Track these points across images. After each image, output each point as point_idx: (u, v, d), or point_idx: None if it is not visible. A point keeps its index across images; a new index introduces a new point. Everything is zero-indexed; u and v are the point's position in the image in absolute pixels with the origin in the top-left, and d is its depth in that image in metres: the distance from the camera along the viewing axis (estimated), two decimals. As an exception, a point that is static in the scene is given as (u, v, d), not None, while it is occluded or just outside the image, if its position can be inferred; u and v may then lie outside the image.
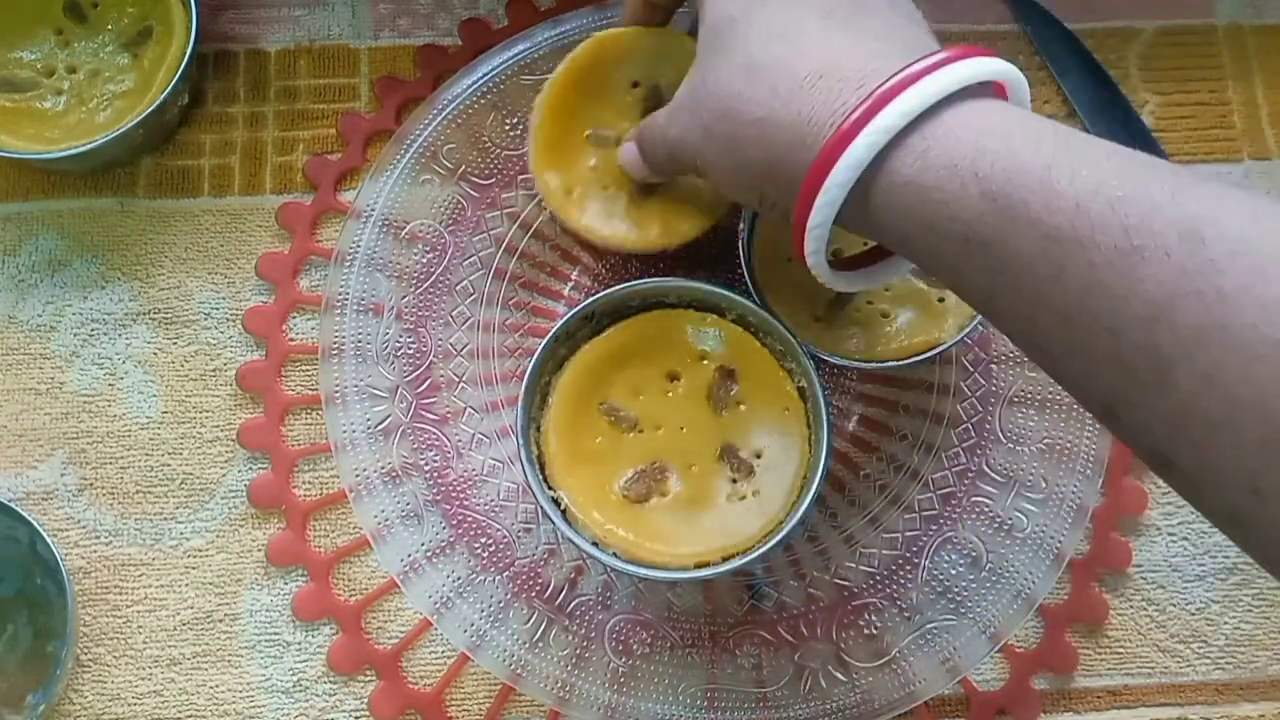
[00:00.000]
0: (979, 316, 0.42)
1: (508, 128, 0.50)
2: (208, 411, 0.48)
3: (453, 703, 0.45)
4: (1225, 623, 0.47)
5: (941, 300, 0.44)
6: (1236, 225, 0.25)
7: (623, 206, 0.46)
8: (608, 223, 0.45)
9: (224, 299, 0.49)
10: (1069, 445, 0.47)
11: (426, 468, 0.47)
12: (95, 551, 0.46)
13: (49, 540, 0.44)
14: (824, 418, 0.41)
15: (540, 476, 0.41)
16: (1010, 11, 0.53)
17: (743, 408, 0.43)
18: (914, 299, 0.44)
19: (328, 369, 0.47)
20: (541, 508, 0.40)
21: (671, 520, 0.41)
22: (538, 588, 0.46)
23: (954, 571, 0.46)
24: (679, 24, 0.48)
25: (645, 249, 0.46)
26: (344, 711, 0.45)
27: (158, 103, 0.47)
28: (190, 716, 0.45)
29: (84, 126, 0.48)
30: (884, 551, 0.46)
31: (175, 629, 0.46)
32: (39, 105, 0.48)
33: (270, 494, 0.47)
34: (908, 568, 0.46)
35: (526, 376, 0.41)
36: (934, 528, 0.46)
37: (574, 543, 0.40)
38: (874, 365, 0.43)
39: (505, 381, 0.48)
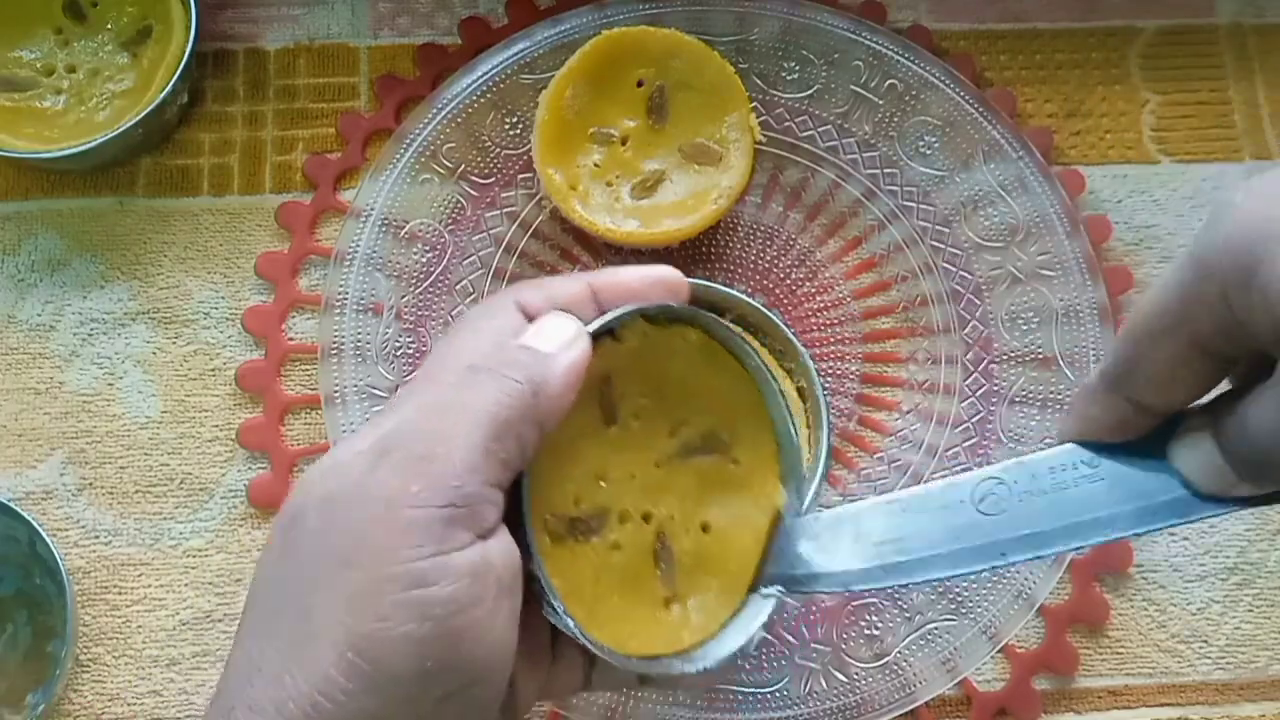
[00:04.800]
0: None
1: (507, 127, 0.49)
2: (207, 411, 0.48)
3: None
4: (1226, 623, 0.46)
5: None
6: None
7: (625, 203, 0.46)
8: (610, 218, 0.46)
9: (223, 298, 0.49)
10: (1070, 445, 0.46)
11: (426, 467, 0.46)
12: (94, 551, 0.46)
13: (48, 540, 0.44)
14: (824, 418, 0.41)
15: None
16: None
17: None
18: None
19: (327, 369, 0.47)
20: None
21: None
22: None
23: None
24: (671, 21, 0.48)
25: (646, 244, 0.46)
26: (343, 712, 0.45)
27: (157, 102, 0.47)
28: (189, 717, 0.45)
29: (83, 126, 0.48)
30: (884, 551, 0.46)
31: (175, 629, 0.46)
32: (38, 104, 0.48)
33: (270, 494, 0.47)
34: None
35: None
36: (934, 528, 0.46)
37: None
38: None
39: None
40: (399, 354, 0.47)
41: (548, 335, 0.30)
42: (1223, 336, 0.25)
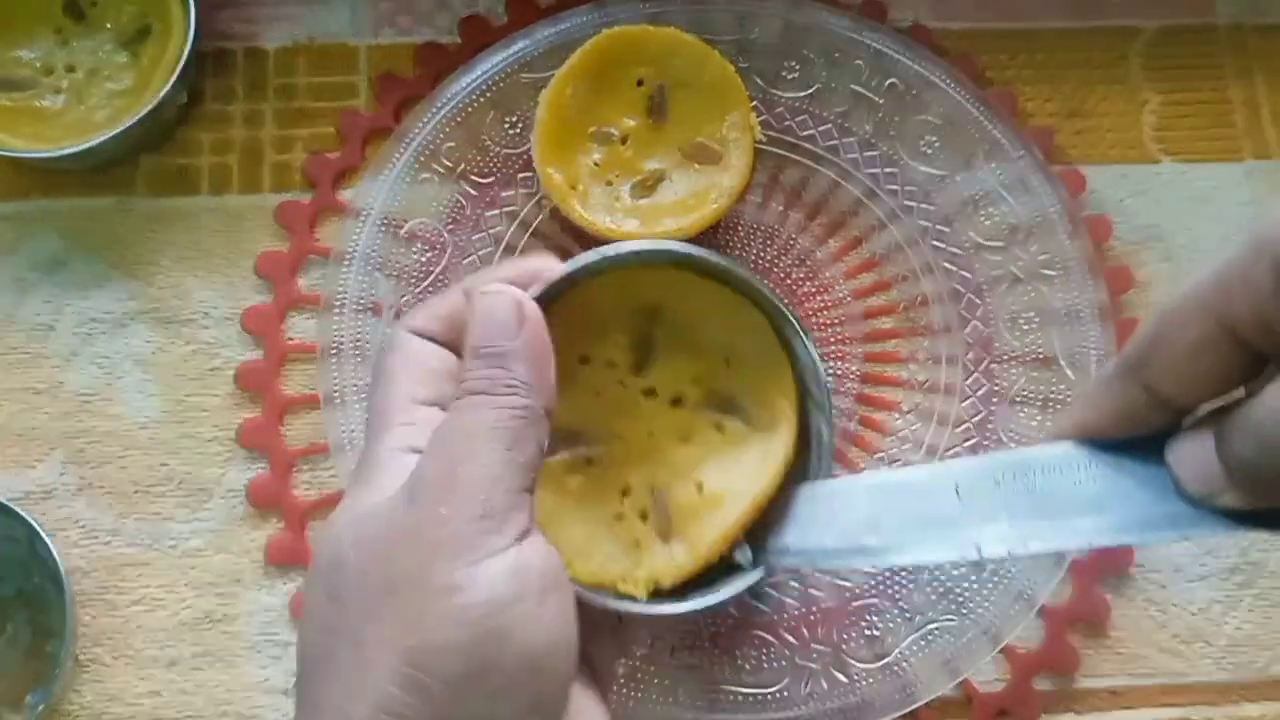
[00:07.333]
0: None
1: (507, 126, 0.49)
2: (206, 411, 0.48)
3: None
4: (1227, 623, 0.46)
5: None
6: None
7: (625, 202, 0.46)
8: (610, 217, 0.46)
9: (223, 298, 0.49)
10: (1070, 445, 0.46)
11: (426, 467, 0.46)
12: (94, 551, 0.46)
13: (48, 540, 0.43)
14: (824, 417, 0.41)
15: None
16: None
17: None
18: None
19: (326, 368, 0.47)
20: None
21: None
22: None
23: (955, 572, 0.45)
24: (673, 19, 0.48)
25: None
26: (343, 712, 0.45)
27: (156, 101, 0.46)
28: (189, 717, 0.45)
29: (82, 125, 0.48)
30: (885, 552, 0.46)
31: (174, 629, 0.45)
32: (37, 104, 0.48)
33: (269, 494, 0.47)
34: (909, 568, 0.45)
35: None
36: (935, 528, 0.46)
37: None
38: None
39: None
40: (399, 354, 0.47)
41: (494, 322, 0.31)
42: (1259, 324, 0.24)
